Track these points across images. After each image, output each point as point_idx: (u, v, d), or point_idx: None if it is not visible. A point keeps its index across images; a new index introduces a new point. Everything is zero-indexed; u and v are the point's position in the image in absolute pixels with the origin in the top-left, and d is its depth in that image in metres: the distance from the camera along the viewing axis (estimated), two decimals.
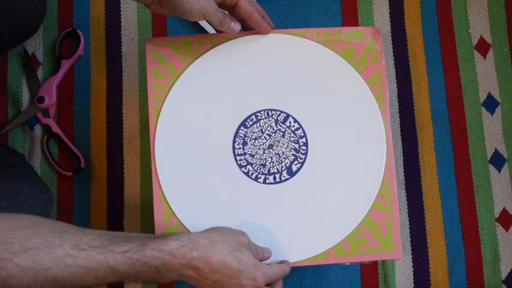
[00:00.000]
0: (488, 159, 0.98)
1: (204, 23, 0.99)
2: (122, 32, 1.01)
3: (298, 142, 0.76)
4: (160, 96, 0.76)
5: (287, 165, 0.75)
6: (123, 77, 0.99)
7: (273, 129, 0.76)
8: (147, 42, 0.77)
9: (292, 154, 0.75)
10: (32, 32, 0.94)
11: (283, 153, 0.75)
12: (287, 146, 0.76)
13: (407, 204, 0.96)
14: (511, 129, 0.99)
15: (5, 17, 0.84)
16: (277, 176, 0.75)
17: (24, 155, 0.96)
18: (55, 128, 0.96)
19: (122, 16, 1.01)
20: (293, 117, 0.76)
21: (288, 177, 0.75)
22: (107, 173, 0.97)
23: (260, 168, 0.75)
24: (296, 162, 0.75)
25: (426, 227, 0.96)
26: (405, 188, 0.97)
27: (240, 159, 0.75)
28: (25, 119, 0.97)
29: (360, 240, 0.74)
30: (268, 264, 0.70)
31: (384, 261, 0.94)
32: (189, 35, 0.88)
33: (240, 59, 0.77)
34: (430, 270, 0.94)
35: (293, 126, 0.76)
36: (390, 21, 1.02)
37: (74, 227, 0.60)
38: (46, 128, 0.96)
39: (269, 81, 0.77)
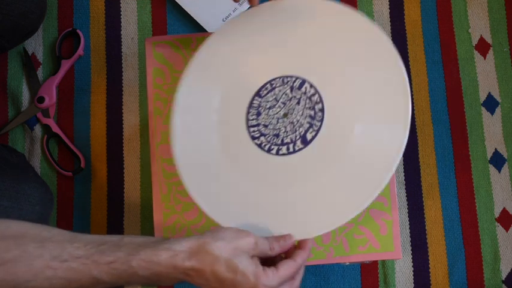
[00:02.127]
0: (488, 159, 0.98)
1: (203, 22, 0.99)
2: (122, 32, 1.01)
3: (314, 108, 0.69)
4: (160, 96, 0.76)
5: (301, 133, 0.69)
6: (123, 77, 0.99)
7: (288, 96, 0.70)
8: (146, 41, 0.78)
9: (307, 122, 0.69)
10: (32, 31, 0.94)
11: (297, 121, 0.69)
12: (302, 113, 0.69)
13: (407, 204, 0.96)
14: (511, 129, 0.99)
15: (4, 17, 0.84)
16: (291, 146, 0.69)
17: (24, 155, 0.96)
18: (55, 128, 0.96)
19: (122, 16, 1.01)
20: (309, 82, 0.70)
21: (302, 146, 0.68)
22: (107, 173, 0.97)
23: (273, 139, 0.69)
24: (311, 130, 0.69)
25: (426, 227, 0.96)
26: (405, 188, 0.97)
27: (253, 131, 0.70)
28: (25, 119, 0.97)
29: (360, 240, 0.74)
30: (275, 267, 0.61)
31: (383, 261, 0.94)
32: (188, 33, 0.88)
33: (252, 28, 0.73)
34: (430, 270, 0.94)
35: (309, 92, 0.70)
36: (390, 21, 1.02)
37: (62, 234, 0.58)
38: (46, 128, 0.96)
39: (283, 48, 0.72)
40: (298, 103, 0.69)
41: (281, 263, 0.62)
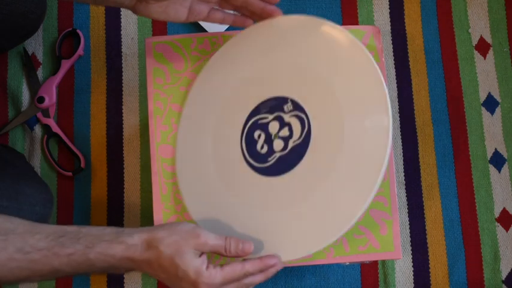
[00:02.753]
0: (488, 159, 0.98)
1: (204, 23, 0.99)
2: (121, 32, 1.01)
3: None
4: (160, 96, 0.76)
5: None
6: (123, 77, 0.99)
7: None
8: (146, 41, 0.78)
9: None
10: (32, 32, 0.94)
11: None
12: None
13: (407, 204, 0.96)
14: (511, 129, 0.99)
15: (4, 17, 0.84)
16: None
17: (24, 155, 0.96)
18: (55, 128, 0.96)
19: (121, 16, 1.01)
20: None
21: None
22: (107, 173, 0.97)
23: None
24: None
25: (426, 227, 0.96)
26: (405, 188, 0.97)
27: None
28: (25, 119, 0.97)
29: (360, 240, 0.74)
30: (220, 267, 0.63)
31: (383, 261, 0.94)
32: (188, 33, 0.88)
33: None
34: (430, 270, 0.94)
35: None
36: (390, 21, 1.02)
37: (24, 225, 0.61)
38: (46, 128, 0.96)
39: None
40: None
41: (228, 264, 0.64)
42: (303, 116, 0.72)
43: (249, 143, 0.73)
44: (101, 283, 0.92)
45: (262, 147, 0.73)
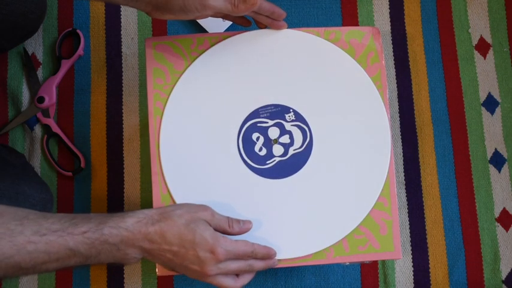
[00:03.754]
0: (488, 159, 0.98)
1: (204, 23, 0.99)
2: (121, 32, 1.01)
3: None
4: (160, 96, 0.76)
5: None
6: (123, 77, 0.99)
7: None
8: (146, 41, 0.77)
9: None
10: (32, 32, 0.94)
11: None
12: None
13: (407, 204, 0.96)
14: (511, 129, 0.99)
15: (4, 17, 0.84)
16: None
17: (24, 155, 0.96)
18: (55, 128, 0.96)
19: (122, 16, 1.01)
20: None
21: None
22: (107, 173, 0.97)
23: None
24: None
25: (426, 227, 0.96)
26: (405, 188, 0.97)
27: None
28: (25, 119, 0.97)
29: (360, 240, 0.74)
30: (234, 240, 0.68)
31: (383, 261, 0.94)
32: (188, 34, 0.88)
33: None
34: (430, 270, 0.94)
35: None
36: (390, 21, 1.02)
37: (36, 213, 0.62)
38: (46, 128, 0.96)
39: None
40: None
41: (239, 239, 0.68)
42: (305, 127, 0.75)
43: (246, 143, 0.75)
44: (101, 283, 0.93)
45: (260, 149, 0.75)
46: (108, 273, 0.93)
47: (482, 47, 1.02)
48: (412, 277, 0.94)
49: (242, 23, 0.79)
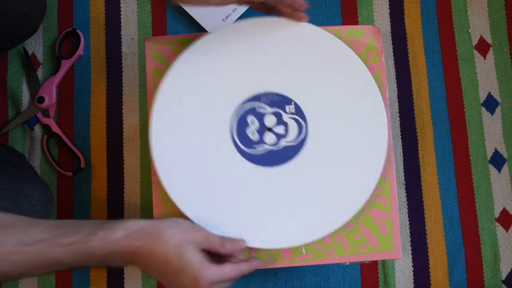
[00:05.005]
0: (488, 159, 0.98)
1: (204, 22, 0.99)
2: (121, 32, 1.01)
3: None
4: None
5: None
6: (123, 77, 0.99)
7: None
8: (146, 41, 0.77)
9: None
10: (32, 31, 0.94)
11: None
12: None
13: (407, 204, 0.96)
14: (511, 129, 0.99)
15: (4, 17, 0.84)
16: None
17: (24, 155, 0.96)
18: (55, 128, 0.96)
19: (122, 16, 1.01)
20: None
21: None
22: (107, 173, 0.97)
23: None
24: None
25: (426, 227, 0.96)
26: (405, 188, 0.97)
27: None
28: (25, 119, 0.97)
29: (360, 240, 0.74)
30: (221, 264, 0.65)
31: (383, 261, 0.94)
32: (188, 34, 0.88)
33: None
34: (430, 270, 0.94)
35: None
36: (390, 21, 1.02)
37: (24, 219, 0.61)
38: (46, 128, 0.96)
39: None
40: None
41: (227, 263, 0.65)
42: (302, 122, 0.74)
43: (240, 124, 0.74)
44: (101, 283, 0.93)
45: (253, 133, 0.74)
46: (108, 273, 0.93)
47: (482, 47, 1.02)
48: (412, 277, 0.94)
49: (264, 10, 0.77)
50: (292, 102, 0.75)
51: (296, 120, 0.74)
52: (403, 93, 1.00)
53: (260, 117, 0.74)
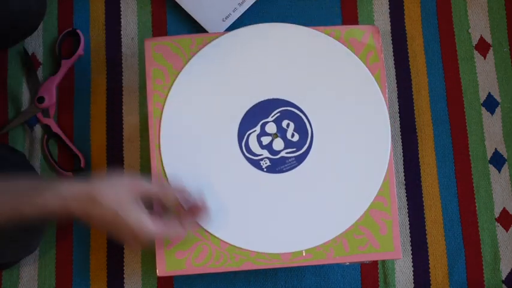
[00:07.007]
0: (488, 159, 0.98)
1: (204, 22, 0.99)
2: (121, 32, 1.01)
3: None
4: (159, 96, 0.76)
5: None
6: (123, 77, 0.99)
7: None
8: (146, 42, 0.78)
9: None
10: (32, 30, 0.94)
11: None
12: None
13: (407, 204, 0.96)
14: (511, 129, 0.99)
15: (5, 14, 0.84)
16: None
17: (25, 154, 0.96)
18: (55, 128, 0.96)
19: (122, 16, 1.01)
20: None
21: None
22: (107, 173, 0.97)
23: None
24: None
25: (426, 227, 0.96)
26: (405, 188, 0.97)
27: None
28: (25, 119, 0.97)
29: (360, 240, 0.74)
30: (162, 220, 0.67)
31: (383, 261, 0.94)
32: (188, 34, 0.88)
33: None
34: (430, 270, 0.94)
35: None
36: (390, 21, 1.02)
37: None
38: (46, 128, 0.96)
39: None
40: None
41: (170, 221, 0.68)
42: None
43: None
44: (101, 283, 0.93)
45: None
46: (108, 273, 0.93)
47: (482, 47, 1.02)
48: (412, 277, 0.94)
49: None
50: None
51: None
52: (403, 93, 1.00)
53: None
